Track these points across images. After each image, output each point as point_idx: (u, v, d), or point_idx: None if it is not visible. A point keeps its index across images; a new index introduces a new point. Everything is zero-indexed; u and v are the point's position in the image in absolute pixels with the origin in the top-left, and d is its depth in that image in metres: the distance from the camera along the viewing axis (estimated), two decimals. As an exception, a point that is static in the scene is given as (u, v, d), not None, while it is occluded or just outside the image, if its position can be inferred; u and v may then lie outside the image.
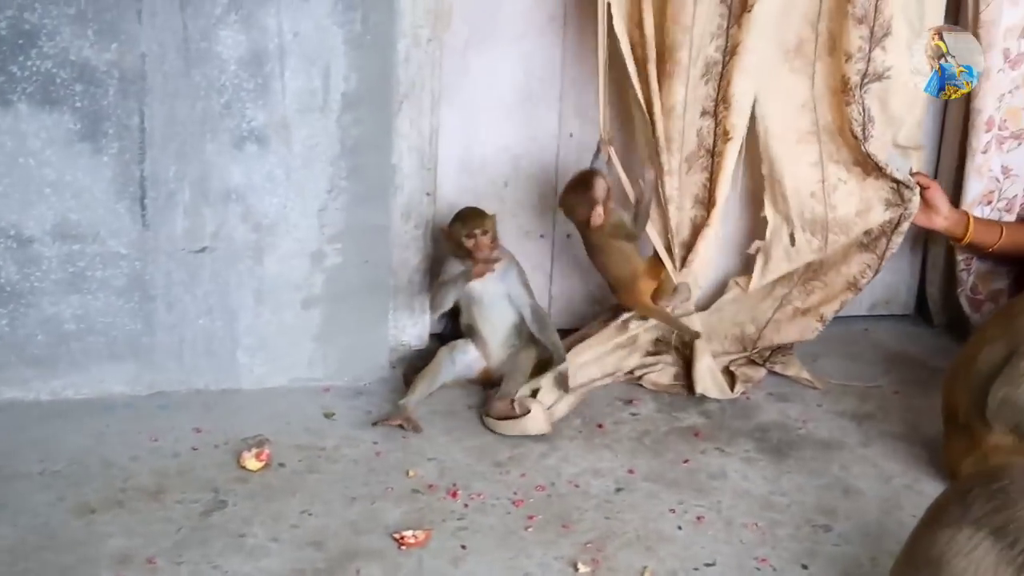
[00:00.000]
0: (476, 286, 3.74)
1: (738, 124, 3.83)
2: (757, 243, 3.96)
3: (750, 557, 3.08)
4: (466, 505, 3.22)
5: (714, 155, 3.86)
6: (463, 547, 3.05)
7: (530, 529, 3.14)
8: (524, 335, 3.81)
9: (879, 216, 3.92)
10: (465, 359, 3.80)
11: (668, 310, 3.85)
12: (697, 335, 3.87)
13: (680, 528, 3.19)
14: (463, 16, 3.84)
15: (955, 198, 4.11)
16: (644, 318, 3.86)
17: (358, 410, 3.67)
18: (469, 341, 3.81)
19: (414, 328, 3.97)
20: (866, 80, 3.79)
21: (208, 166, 3.49)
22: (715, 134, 3.84)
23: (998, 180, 4.12)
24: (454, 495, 3.26)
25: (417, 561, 3.00)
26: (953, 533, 2.42)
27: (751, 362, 4.05)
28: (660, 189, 3.82)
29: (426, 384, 3.70)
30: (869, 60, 3.77)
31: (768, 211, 3.93)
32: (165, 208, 3.50)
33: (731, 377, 3.96)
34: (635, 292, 3.82)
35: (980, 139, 4.04)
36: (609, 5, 3.63)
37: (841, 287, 4.03)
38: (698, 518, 3.23)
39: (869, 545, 3.14)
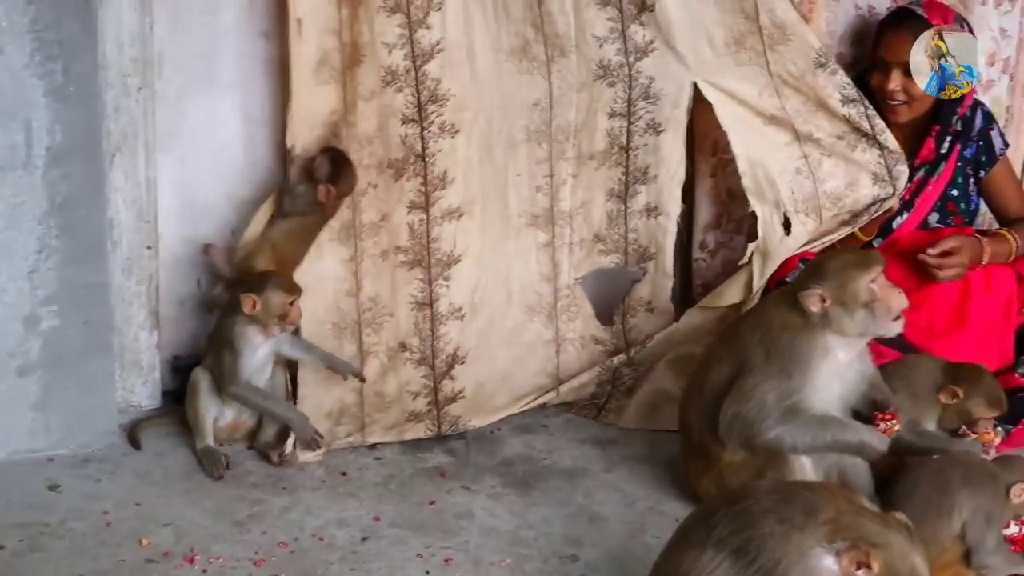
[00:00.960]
0: (260, 349, 3.61)
1: (672, 116, 3.91)
2: (750, 247, 3.92)
3: (499, 596, 3.07)
4: (204, 571, 3.09)
5: (629, 151, 3.92)
6: (201, 616, 2.93)
7: (273, 589, 3.04)
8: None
9: (867, 191, 3.92)
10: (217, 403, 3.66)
11: None
12: None
13: (428, 573, 3.14)
14: (175, 63, 3.73)
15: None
16: None
17: (87, 479, 3.48)
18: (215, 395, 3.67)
19: (144, 387, 3.82)
20: None
21: (-101, 232, 3.28)
22: (628, 132, 3.90)
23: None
24: (191, 561, 3.12)
25: (152, 636, 2.87)
26: (697, 554, 2.47)
27: None
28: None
29: (205, 416, 3.59)
30: None
31: (755, 205, 3.91)
32: None
33: None
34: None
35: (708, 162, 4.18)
36: None
37: None
38: (446, 560, 3.19)
39: (615, 571, 3.16)
